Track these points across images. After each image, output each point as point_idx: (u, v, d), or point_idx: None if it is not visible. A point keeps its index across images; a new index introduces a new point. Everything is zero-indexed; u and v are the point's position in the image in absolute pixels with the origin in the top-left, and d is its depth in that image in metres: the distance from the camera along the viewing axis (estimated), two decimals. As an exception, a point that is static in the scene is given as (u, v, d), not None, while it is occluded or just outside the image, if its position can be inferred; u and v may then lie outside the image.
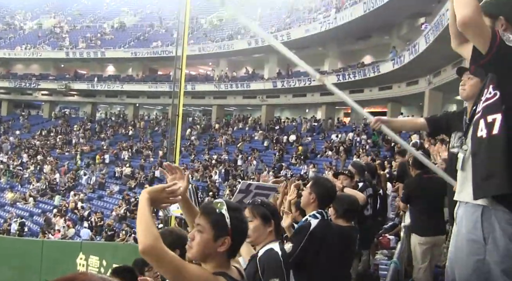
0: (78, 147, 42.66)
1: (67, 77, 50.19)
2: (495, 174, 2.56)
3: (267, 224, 3.46)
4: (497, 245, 2.60)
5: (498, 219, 2.60)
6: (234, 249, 2.46)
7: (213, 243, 2.39)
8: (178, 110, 21.10)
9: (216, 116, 45.36)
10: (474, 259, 2.65)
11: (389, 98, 33.75)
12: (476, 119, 2.73)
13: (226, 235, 2.38)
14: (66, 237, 25.07)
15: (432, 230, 5.95)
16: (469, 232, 2.69)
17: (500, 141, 2.57)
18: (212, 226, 2.40)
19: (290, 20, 40.49)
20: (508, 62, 2.64)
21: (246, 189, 3.85)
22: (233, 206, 2.46)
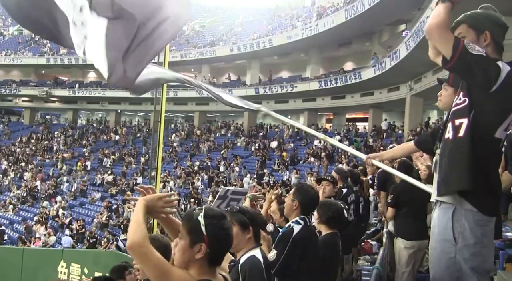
0: (59, 154, 42.30)
1: (48, 83, 49.81)
2: (457, 173, 2.80)
3: (245, 231, 3.47)
4: (467, 244, 2.78)
5: (468, 219, 2.79)
6: (214, 256, 2.44)
7: (190, 250, 2.40)
8: (160, 116, 20.97)
9: (199, 122, 45.28)
10: (446, 258, 2.82)
11: (370, 104, 33.96)
12: (445, 121, 3.00)
13: (202, 241, 2.38)
14: (47, 245, 24.81)
15: (418, 234, 6.00)
16: (440, 232, 2.87)
17: (463, 142, 2.80)
18: (188, 232, 2.42)
19: (272, 26, 40.61)
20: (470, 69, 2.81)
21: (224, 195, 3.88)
22: (211, 213, 2.44)
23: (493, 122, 2.84)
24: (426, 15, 19.51)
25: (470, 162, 2.75)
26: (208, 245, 2.38)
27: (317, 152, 31.87)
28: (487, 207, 2.83)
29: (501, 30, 2.97)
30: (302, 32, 34.64)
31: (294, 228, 4.04)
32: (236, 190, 4.00)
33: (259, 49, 38.47)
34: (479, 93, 2.82)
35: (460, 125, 2.84)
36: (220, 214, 2.50)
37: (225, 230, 2.46)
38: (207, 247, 2.38)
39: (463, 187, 2.76)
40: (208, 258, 2.41)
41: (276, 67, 44.20)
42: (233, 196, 3.92)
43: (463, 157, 2.78)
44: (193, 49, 43.57)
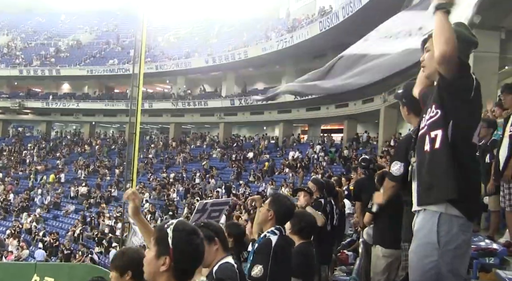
0: (33, 166, 41.77)
1: (21, 95, 49.20)
2: (435, 184, 2.91)
3: (211, 243, 3.55)
4: (449, 248, 2.87)
5: (453, 223, 2.89)
6: (181, 272, 2.35)
7: (155, 261, 2.33)
8: (135, 128, 20.91)
9: (174, 134, 45.14)
10: (427, 261, 2.90)
11: (345, 115, 34.24)
12: (421, 134, 3.07)
13: (167, 254, 2.31)
14: (20, 258, 24.42)
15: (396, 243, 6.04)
16: (425, 236, 2.94)
17: (440, 154, 2.90)
18: (155, 243, 2.37)
19: (247, 38, 40.78)
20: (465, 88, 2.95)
21: (202, 208, 3.88)
22: (181, 227, 2.37)
23: (470, 128, 2.97)
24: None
25: (452, 170, 2.84)
26: (172, 259, 2.30)
27: (293, 163, 32.00)
28: (472, 213, 2.96)
29: (465, 46, 3.05)
30: (277, 44, 34.82)
31: (272, 238, 4.03)
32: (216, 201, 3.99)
33: (234, 61, 38.56)
34: (455, 102, 2.93)
35: (435, 137, 2.93)
36: (191, 229, 2.42)
37: (193, 246, 2.37)
38: (171, 261, 2.30)
39: (449, 196, 2.85)
40: (174, 273, 2.33)
41: (252, 78, 44.33)
42: (213, 207, 3.91)
43: (444, 167, 2.86)
44: (168, 60, 43.50)
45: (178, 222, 2.41)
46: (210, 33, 46.39)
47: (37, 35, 55.50)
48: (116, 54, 47.87)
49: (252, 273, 3.82)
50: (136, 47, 22.56)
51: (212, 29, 46.81)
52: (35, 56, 49.53)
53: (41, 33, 55.80)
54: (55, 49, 51.04)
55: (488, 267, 5.60)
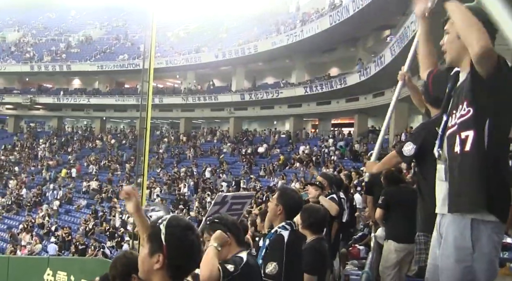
0: (44, 162, 42.01)
1: (32, 91, 49.49)
2: (465, 192, 2.71)
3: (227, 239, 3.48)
4: (483, 252, 2.72)
5: (486, 227, 2.72)
6: (175, 270, 2.24)
7: (149, 259, 2.24)
8: (146, 123, 20.98)
9: (184, 128, 45.21)
10: (462, 266, 2.75)
11: (356, 109, 34.09)
12: (451, 132, 2.85)
13: (160, 251, 2.21)
14: (33, 253, 24.63)
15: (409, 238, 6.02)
16: (456, 239, 2.78)
17: (471, 158, 2.69)
18: (148, 240, 2.28)
19: (257, 33, 40.70)
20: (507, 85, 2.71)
21: (221, 201, 3.84)
22: (175, 222, 2.27)
23: (507, 127, 2.79)
24: (410, 21, 19.68)
25: (483, 177, 2.65)
26: (166, 256, 2.20)
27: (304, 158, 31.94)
28: (505, 215, 2.78)
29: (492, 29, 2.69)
30: (287, 38, 34.72)
31: (283, 234, 3.99)
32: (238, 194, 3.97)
33: (244, 55, 38.51)
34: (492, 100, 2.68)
35: (466, 138, 2.71)
36: (185, 224, 2.30)
37: (187, 242, 2.25)
38: (165, 258, 2.20)
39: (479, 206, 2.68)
40: (169, 271, 2.22)
41: (262, 73, 44.28)
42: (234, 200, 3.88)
43: (475, 174, 2.68)
44: (178, 55, 43.53)
45: (171, 218, 2.31)
46: (220, 28, 46.36)
47: (48, 31, 55.73)
48: (126, 49, 47.96)
49: (266, 271, 3.76)
50: (146, 42, 22.65)
51: (222, 23, 46.77)
52: (46, 52, 49.76)
53: (51, 29, 56.02)
54: (65, 44, 51.26)
55: (503, 261, 5.57)
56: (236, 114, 42.29)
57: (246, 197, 3.99)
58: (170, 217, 2.31)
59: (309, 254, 4.47)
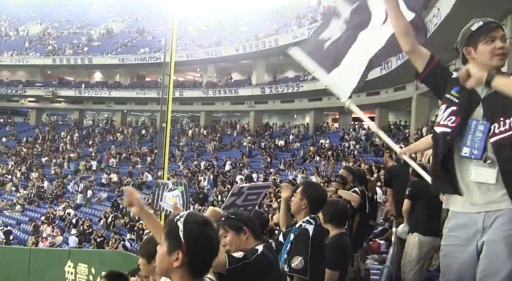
0: (66, 154, 42.39)
1: (54, 83, 49.90)
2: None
3: (240, 233, 3.46)
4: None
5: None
6: (195, 266, 2.24)
7: (168, 257, 2.22)
8: (167, 116, 21.05)
9: (204, 122, 45.30)
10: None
11: (377, 103, 33.84)
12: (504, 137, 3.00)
13: (179, 248, 2.19)
14: (54, 244, 24.86)
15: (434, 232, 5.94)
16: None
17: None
18: (166, 238, 2.26)
19: (278, 26, 40.57)
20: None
21: (238, 192, 3.82)
22: (192, 219, 2.25)
23: None
24: (433, 14, 19.45)
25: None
26: (186, 253, 2.19)
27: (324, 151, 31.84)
28: None
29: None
30: (307, 32, 34.51)
31: (308, 228, 3.97)
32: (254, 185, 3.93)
33: (265, 49, 38.45)
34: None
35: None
36: (203, 220, 2.28)
37: (207, 238, 2.24)
38: (184, 255, 2.19)
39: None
40: (189, 268, 2.21)
41: (282, 66, 44.14)
42: (250, 191, 3.85)
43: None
44: (198, 48, 43.59)
45: (188, 214, 2.29)
46: (241, 21, 46.31)
47: (70, 24, 56.15)
48: (147, 42, 48.14)
49: (292, 265, 3.74)
50: (167, 35, 22.70)
51: (243, 17, 46.70)
52: (67, 45, 50.13)
53: (73, 22, 56.43)
54: (87, 38, 51.61)
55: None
56: (256, 108, 42.27)
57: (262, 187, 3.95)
58: (187, 214, 2.29)
59: (331, 250, 4.46)
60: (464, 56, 3.20)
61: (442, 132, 3.11)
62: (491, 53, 3.09)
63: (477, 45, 3.11)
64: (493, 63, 3.09)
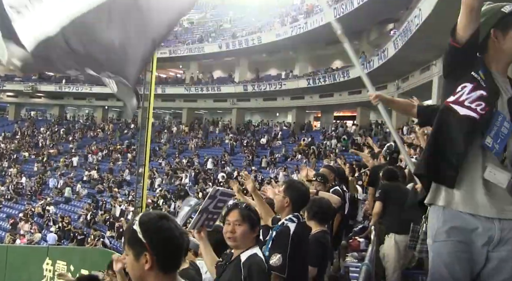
0: (45, 150, 41.99)
1: (34, 78, 49.32)
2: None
3: (253, 229, 3.45)
4: None
5: None
6: (166, 262, 2.21)
7: (137, 264, 2.19)
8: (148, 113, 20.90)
9: (186, 119, 45.17)
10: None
11: (358, 102, 34.01)
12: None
13: (145, 251, 2.16)
14: (32, 242, 24.62)
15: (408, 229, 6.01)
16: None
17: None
18: (129, 246, 2.23)
19: (261, 24, 40.58)
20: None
21: (214, 195, 3.78)
22: (146, 218, 2.22)
23: None
24: (414, 15, 19.56)
25: None
26: (152, 253, 2.16)
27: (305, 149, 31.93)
28: None
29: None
30: (291, 30, 34.64)
31: (289, 226, 3.98)
32: (225, 191, 3.89)
33: (248, 47, 38.43)
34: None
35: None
36: (156, 216, 2.25)
37: (167, 230, 2.20)
38: (152, 255, 2.16)
39: None
40: (160, 267, 2.18)
41: (265, 64, 44.17)
42: (221, 197, 3.82)
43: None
44: (181, 45, 43.41)
45: (141, 215, 2.27)
46: (224, 19, 46.23)
47: (51, 19, 55.52)
48: (129, 38, 47.77)
49: (270, 262, 3.71)
50: (149, 31, 22.52)
51: (226, 14, 46.62)
52: (48, 39, 49.54)
53: (54, 17, 55.81)
54: (68, 33, 51.03)
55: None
56: (238, 105, 42.26)
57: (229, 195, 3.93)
58: (140, 216, 2.27)
59: (313, 246, 4.47)
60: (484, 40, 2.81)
61: (468, 116, 2.74)
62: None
63: (508, 30, 2.79)
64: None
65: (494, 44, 2.82)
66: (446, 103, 2.82)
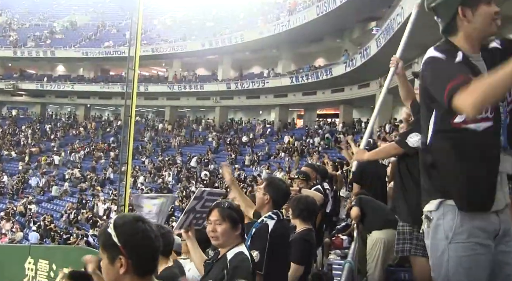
0: (27, 148, 41.62)
1: (15, 76, 48.84)
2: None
3: (235, 227, 3.45)
4: None
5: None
6: (141, 265, 2.17)
7: (112, 267, 2.15)
8: (131, 111, 20.84)
9: (169, 117, 45.05)
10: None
11: (341, 100, 34.17)
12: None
13: (119, 254, 2.12)
14: (14, 241, 24.42)
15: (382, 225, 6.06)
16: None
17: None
18: (104, 249, 2.18)
19: (244, 22, 40.56)
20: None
21: (200, 196, 3.79)
22: (121, 221, 2.19)
23: None
24: (396, 13, 19.68)
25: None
26: (127, 256, 2.12)
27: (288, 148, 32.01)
28: None
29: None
30: (273, 28, 34.66)
31: (269, 223, 3.99)
32: (212, 191, 3.91)
33: (231, 45, 38.40)
34: None
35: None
36: (132, 218, 2.22)
37: (142, 232, 2.16)
38: (127, 258, 2.12)
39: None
40: (136, 270, 2.15)
41: (248, 62, 44.17)
42: (208, 197, 3.84)
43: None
44: (164, 43, 43.24)
45: (115, 218, 2.25)
46: (207, 16, 46.11)
47: (32, 16, 54.93)
48: (111, 36, 47.54)
49: None
50: (132, 29, 22.44)
51: (209, 12, 46.51)
52: (29, 37, 49.10)
53: (35, 14, 55.23)
54: (50, 30, 50.61)
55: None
56: (222, 103, 42.22)
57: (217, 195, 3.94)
58: (114, 219, 2.24)
59: (298, 244, 4.53)
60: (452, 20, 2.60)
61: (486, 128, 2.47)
62: (492, 17, 2.56)
63: (477, 6, 2.54)
64: (492, 29, 2.58)
65: (463, 23, 2.57)
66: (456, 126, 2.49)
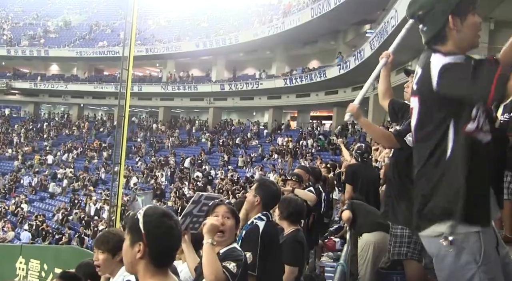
0: (19, 148, 41.48)
1: (8, 75, 48.70)
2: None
3: (237, 226, 3.56)
4: None
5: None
6: (157, 256, 2.29)
7: (131, 250, 2.29)
8: (124, 111, 20.79)
9: (163, 118, 45.01)
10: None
11: (335, 102, 34.22)
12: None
13: (140, 240, 2.26)
14: (5, 240, 24.33)
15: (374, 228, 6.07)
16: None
17: None
18: (128, 231, 2.33)
19: (239, 23, 40.57)
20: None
21: (198, 200, 3.81)
22: (152, 211, 2.33)
23: None
24: (390, 16, 19.76)
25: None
26: (147, 244, 2.25)
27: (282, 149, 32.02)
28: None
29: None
30: (268, 30, 34.69)
31: (259, 224, 4.01)
32: (209, 195, 3.92)
33: (225, 46, 38.41)
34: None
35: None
36: (162, 212, 2.35)
37: (166, 228, 2.30)
38: (146, 246, 2.25)
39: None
40: (151, 259, 2.27)
41: (242, 64, 44.20)
42: (205, 201, 3.85)
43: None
44: (158, 43, 43.21)
45: (148, 208, 2.39)
46: (201, 17, 46.08)
47: (26, 15, 54.74)
48: (106, 36, 47.43)
49: None
50: (127, 29, 22.39)
51: (204, 13, 46.49)
52: (23, 36, 48.94)
53: (29, 13, 55.03)
54: (44, 29, 50.46)
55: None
56: (215, 104, 42.21)
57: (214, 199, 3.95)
58: (147, 208, 2.38)
59: (290, 246, 4.55)
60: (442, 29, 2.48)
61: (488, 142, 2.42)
62: (478, 27, 2.47)
63: (466, 16, 2.45)
64: (476, 40, 2.50)
65: (453, 33, 2.47)
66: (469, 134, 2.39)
